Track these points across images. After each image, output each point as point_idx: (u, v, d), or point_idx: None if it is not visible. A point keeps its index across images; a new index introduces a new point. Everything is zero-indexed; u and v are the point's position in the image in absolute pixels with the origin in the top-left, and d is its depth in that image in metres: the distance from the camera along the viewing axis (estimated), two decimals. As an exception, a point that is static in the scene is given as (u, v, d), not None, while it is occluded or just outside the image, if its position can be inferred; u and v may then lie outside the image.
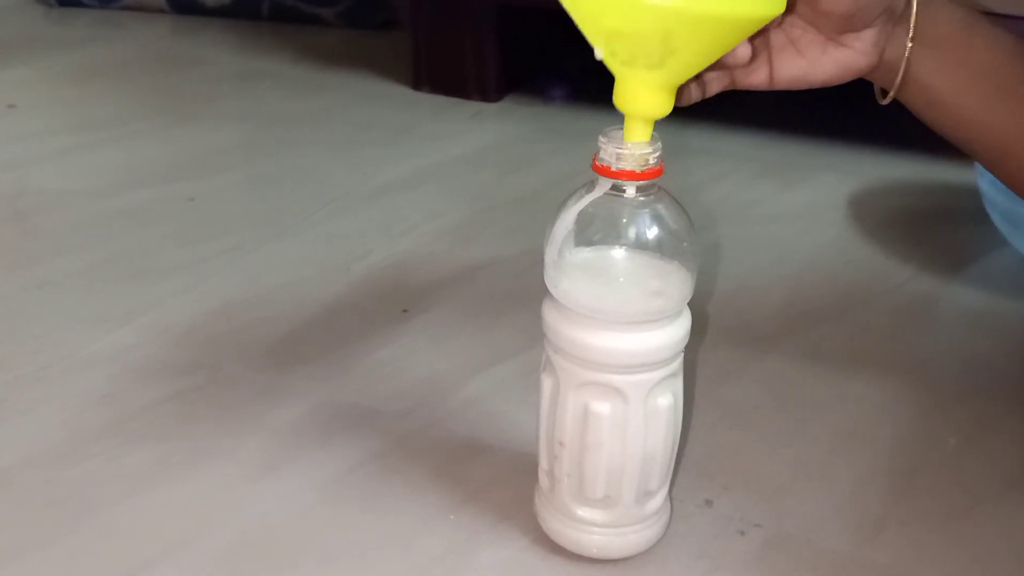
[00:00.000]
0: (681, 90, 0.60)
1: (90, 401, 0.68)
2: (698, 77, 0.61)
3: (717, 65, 0.56)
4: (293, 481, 0.62)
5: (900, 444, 0.67)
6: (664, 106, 0.50)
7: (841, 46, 0.60)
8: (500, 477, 0.62)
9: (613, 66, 0.50)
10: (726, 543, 0.58)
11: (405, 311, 0.80)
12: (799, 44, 0.60)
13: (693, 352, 0.72)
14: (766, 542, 0.58)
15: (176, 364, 0.73)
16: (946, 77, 0.63)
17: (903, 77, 0.63)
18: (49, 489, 0.60)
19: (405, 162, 1.10)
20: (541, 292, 0.53)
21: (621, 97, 0.50)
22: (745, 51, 0.57)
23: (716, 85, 0.62)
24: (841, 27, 0.59)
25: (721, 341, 0.77)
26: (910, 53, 0.61)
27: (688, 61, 0.49)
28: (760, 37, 0.60)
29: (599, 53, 0.49)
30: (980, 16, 0.64)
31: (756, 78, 0.62)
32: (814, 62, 0.60)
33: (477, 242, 0.92)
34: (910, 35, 0.61)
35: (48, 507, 0.59)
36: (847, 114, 1.21)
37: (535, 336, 0.55)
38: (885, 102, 0.65)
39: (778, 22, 0.60)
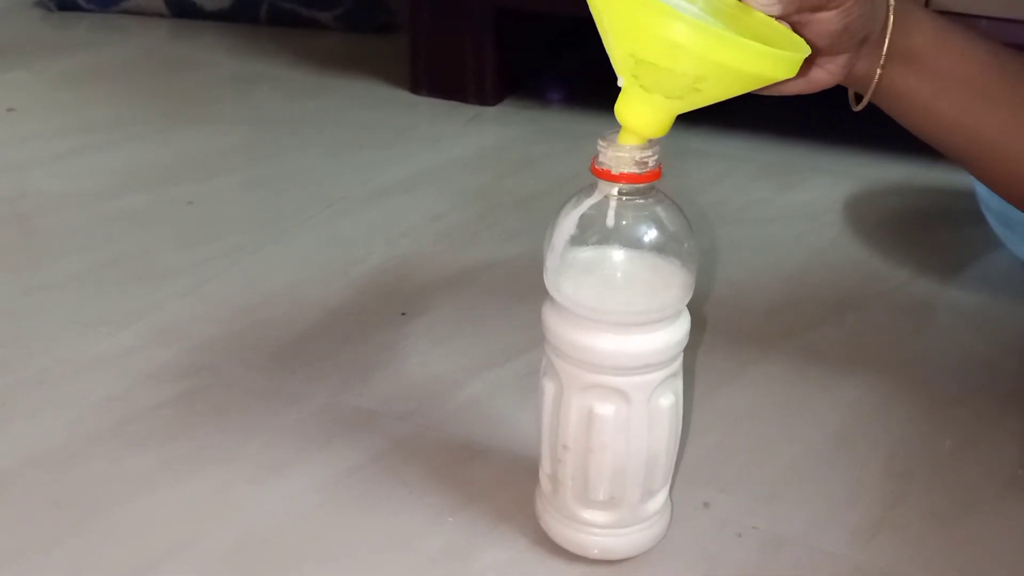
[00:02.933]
0: None
1: (92, 404, 0.69)
2: None
3: None
4: (294, 483, 0.62)
5: (897, 446, 0.67)
6: (664, 128, 0.50)
7: (814, 66, 0.60)
8: (500, 479, 0.62)
9: (630, 85, 0.50)
10: (723, 546, 0.58)
11: (404, 314, 0.80)
12: None
13: (691, 355, 0.73)
14: (763, 545, 0.58)
15: (177, 367, 0.73)
16: (920, 86, 0.64)
17: (882, 90, 0.63)
18: (52, 491, 0.61)
19: (404, 165, 1.10)
20: (541, 294, 0.54)
21: (625, 112, 0.50)
22: None
23: None
24: (816, 57, 0.59)
25: (718, 343, 0.77)
26: (880, 76, 0.62)
27: (704, 99, 0.49)
28: None
29: (622, 81, 0.50)
30: (954, 23, 0.65)
31: None
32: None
33: (476, 244, 0.93)
34: (880, 62, 0.62)
35: (51, 509, 0.59)
36: (844, 116, 1.21)
37: (534, 338, 0.56)
38: (858, 109, 0.66)
39: None
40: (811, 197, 1.05)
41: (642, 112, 0.50)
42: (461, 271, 0.88)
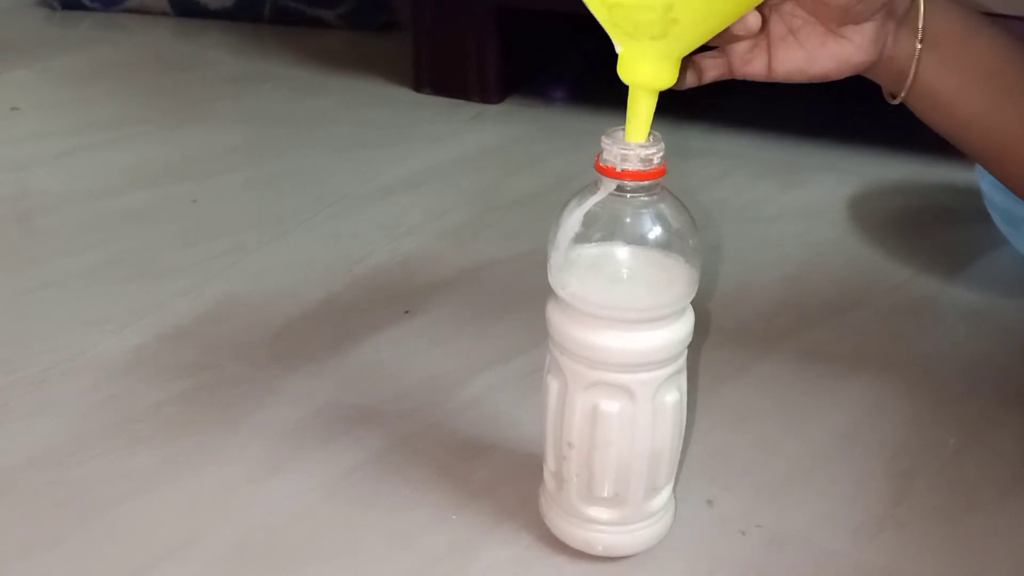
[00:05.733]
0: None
1: (94, 402, 0.69)
2: (695, 63, 0.61)
3: (721, 40, 0.56)
4: (296, 481, 0.62)
5: (900, 444, 0.67)
6: (669, 77, 0.49)
7: (841, 39, 0.59)
8: (502, 476, 0.62)
9: (617, 37, 0.49)
10: (727, 543, 0.58)
11: (407, 312, 0.80)
12: (799, 35, 0.60)
13: (695, 352, 0.73)
14: (767, 542, 0.58)
15: (179, 365, 0.73)
16: (948, 77, 0.63)
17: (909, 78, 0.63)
18: (54, 490, 0.61)
19: (406, 163, 1.10)
20: (543, 292, 0.54)
21: (625, 67, 0.49)
22: (755, 20, 0.56)
23: (713, 72, 0.61)
24: (841, 18, 0.58)
25: (722, 341, 0.77)
26: (907, 59, 0.61)
27: (692, 30, 0.47)
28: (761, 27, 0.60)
29: (619, 47, 0.49)
30: (979, 16, 0.64)
31: (754, 68, 0.61)
32: (813, 54, 0.60)
33: (478, 242, 0.93)
34: (919, 36, 0.61)
35: (53, 508, 0.59)
36: (847, 114, 1.22)
37: (537, 336, 0.56)
38: (895, 102, 0.65)
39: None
40: (814, 195, 1.05)
41: (639, 63, 0.48)
42: (464, 269, 0.88)
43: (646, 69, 0.49)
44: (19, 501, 0.60)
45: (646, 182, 0.50)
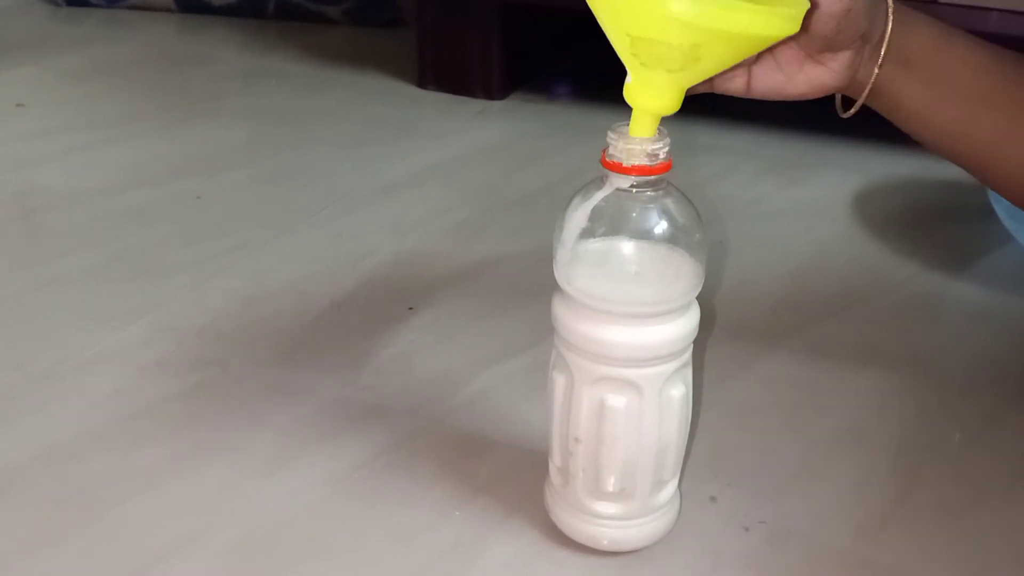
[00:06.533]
0: None
1: (99, 399, 0.69)
2: None
3: None
4: (301, 477, 0.62)
5: (904, 441, 0.67)
6: (675, 104, 0.51)
7: (818, 64, 0.61)
8: (508, 472, 0.62)
9: (632, 67, 0.50)
10: (730, 540, 0.58)
11: (411, 308, 0.80)
12: (780, 59, 0.62)
13: (699, 348, 0.73)
14: (770, 539, 0.58)
15: (184, 361, 0.73)
16: (918, 94, 0.65)
17: (879, 94, 0.64)
18: (58, 486, 0.61)
19: (411, 160, 1.10)
20: (548, 288, 0.54)
21: (633, 93, 0.50)
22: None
23: (696, 88, 0.63)
24: (821, 47, 0.60)
25: (726, 337, 0.77)
26: (876, 79, 0.63)
27: (708, 68, 0.50)
28: None
29: (631, 74, 0.50)
30: (952, 30, 0.65)
31: (734, 85, 0.63)
32: (791, 77, 0.62)
33: (483, 239, 0.93)
34: (879, 63, 0.62)
35: (57, 504, 0.59)
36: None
37: (542, 332, 0.56)
38: (847, 115, 0.67)
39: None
40: (819, 192, 1.05)
41: (648, 91, 0.50)
42: (468, 265, 0.88)
43: (655, 98, 0.50)
44: (24, 497, 0.60)
45: (652, 177, 0.50)
